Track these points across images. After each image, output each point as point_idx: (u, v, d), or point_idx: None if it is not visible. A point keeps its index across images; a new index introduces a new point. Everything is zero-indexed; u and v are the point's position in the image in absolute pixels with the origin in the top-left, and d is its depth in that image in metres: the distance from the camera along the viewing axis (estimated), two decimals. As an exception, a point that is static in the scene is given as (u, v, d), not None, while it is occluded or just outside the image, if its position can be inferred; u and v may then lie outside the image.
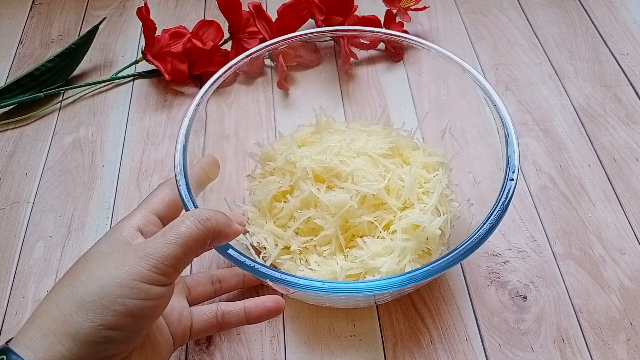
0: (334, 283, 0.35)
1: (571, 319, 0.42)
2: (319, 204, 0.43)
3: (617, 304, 0.43)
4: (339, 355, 0.41)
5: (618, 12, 0.65)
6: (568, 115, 0.56)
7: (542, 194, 0.50)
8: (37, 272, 0.47)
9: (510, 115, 0.40)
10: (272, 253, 0.42)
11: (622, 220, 0.48)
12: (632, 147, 0.53)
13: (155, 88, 0.61)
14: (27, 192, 0.52)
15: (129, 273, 0.28)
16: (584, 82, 0.58)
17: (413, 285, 0.34)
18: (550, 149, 0.53)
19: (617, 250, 0.46)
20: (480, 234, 0.35)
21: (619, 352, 0.41)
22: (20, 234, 0.49)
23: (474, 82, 0.42)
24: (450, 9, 0.67)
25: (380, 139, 0.47)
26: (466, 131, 0.46)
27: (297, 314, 0.43)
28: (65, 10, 0.70)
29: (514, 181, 0.37)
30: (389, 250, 0.41)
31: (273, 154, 0.47)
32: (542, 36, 0.63)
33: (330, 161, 0.44)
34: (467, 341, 0.42)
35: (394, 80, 0.58)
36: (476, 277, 0.45)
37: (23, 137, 0.57)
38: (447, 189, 0.45)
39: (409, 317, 0.43)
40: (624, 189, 0.50)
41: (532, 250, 0.46)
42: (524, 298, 0.44)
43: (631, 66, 0.60)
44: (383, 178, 0.43)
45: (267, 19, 0.59)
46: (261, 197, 0.45)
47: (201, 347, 0.42)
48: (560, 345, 0.41)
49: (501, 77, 0.59)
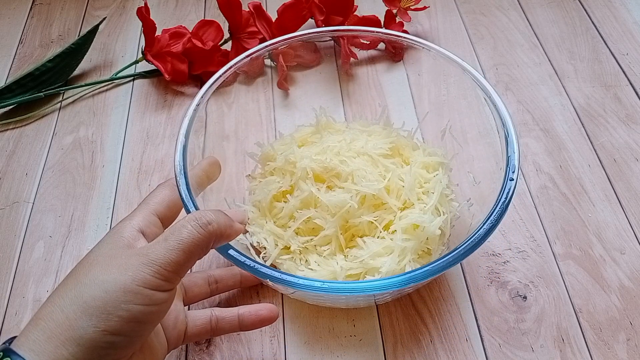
0: (334, 283, 0.35)
1: (571, 319, 0.42)
2: (319, 204, 0.43)
3: (617, 304, 0.43)
4: (339, 355, 0.41)
5: (618, 12, 0.65)
6: (568, 115, 0.56)
7: (542, 194, 0.50)
8: (37, 272, 0.47)
9: (510, 115, 0.40)
10: (272, 253, 0.42)
11: (622, 220, 0.48)
12: (632, 147, 0.53)
13: (155, 88, 0.61)
14: (27, 192, 0.52)
15: (133, 279, 0.28)
16: (584, 82, 0.58)
17: (413, 285, 0.34)
18: (550, 149, 0.53)
19: (617, 250, 0.46)
20: (480, 233, 0.35)
21: (619, 352, 0.41)
22: (20, 234, 0.49)
23: (474, 82, 0.42)
24: (450, 9, 0.67)
25: (380, 139, 0.47)
26: (466, 131, 0.46)
27: (297, 314, 0.43)
28: (65, 10, 0.70)
29: (514, 181, 0.37)
30: (389, 250, 0.41)
31: (273, 154, 0.47)
32: (542, 36, 0.63)
33: (330, 161, 0.44)
34: (467, 341, 0.42)
35: (394, 80, 0.58)
36: (476, 277, 0.45)
37: (23, 137, 0.57)
38: (447, 189, 0.45)
39: (409, 317, 0.43)
40: (624, 189, 0.50)
41: (532, 250, 0.46)
42: (524, 298, 0.44)
43: (631, 66, 0.60)
44: (383, 178, 0.43)
45: (267, 19, 0.59)
46: (261, 197, 0.45)
47: (201, 347, 0.42)
48: (560, 345, 0.41)
49: (501, 77, 0.59)
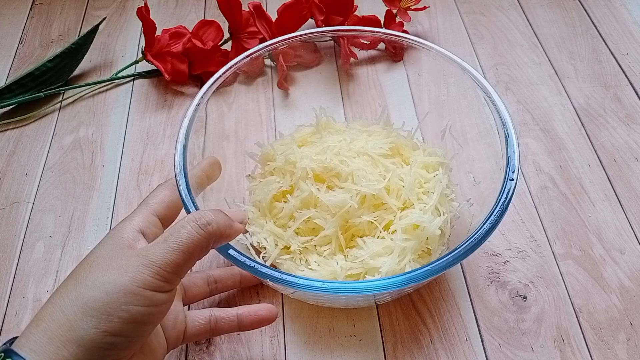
0: (335, 283, 0.35)
1: (571, 319, 0.42)
2: (319, 204, 0.43)
3: (617, 303, 0.43)
4: (339, 355, 0.41)
5: (618, 12, 0.65)
6: (568, 115, 0.56)
7: (542, 194, 0.50)
8: (37, 272, 0.47)
9: (510, 115, 0.40)
10: (272, 253, 0.42)
11: (622, 220, 0.48)
12: (632, 147, 0.53)
13: (155, 88, 0.61)
14: (27, 192, 0.52)
15: (133, 280, 0.28)
16: (583, 82, 0.58)
17: (414, 285, 0.34)
18: (550, 149, 0.53)
19: (617, 250, 0.46)
20: (480, 233, 0.35)
21: (619, 352, 0.41)
22: (20, 234, 0.49)
23: (474, 82, 0.42)
24: (450, 9, 0.67)
25: (380, 139, 0.47)
26: (466, 131, 0.46)
27: (297, 314, 0.43)
28: (65, 10, 0.70)
29: (514, 181, 0.37)
30: (389, 250, 0.41)
31: (273, 154, 0.47)
32: (542, 36, 0.63)
33: (330, 161, 0.44)
34: (467, 341, 0.42)
35: (394, 80, 0.58)
36: (476, 277, 0.45)
37: (23, 137, 0.57)
38: (447, 189, 0.45)
39: (409, 317, 0.43)
40: (624, 189, 0.50)
41: (532, 250, 0.46)
42: (524, 298, 0.44)
43: (631, 66, 0.60)
44: (383, 178, 0.43)
45: (267, 19, 0.59)
46: (261, 197, 0.45)
47: (201, 346, 0.42)
48: (560, 345, 0.41)
49: (501, 77, 0.59)
